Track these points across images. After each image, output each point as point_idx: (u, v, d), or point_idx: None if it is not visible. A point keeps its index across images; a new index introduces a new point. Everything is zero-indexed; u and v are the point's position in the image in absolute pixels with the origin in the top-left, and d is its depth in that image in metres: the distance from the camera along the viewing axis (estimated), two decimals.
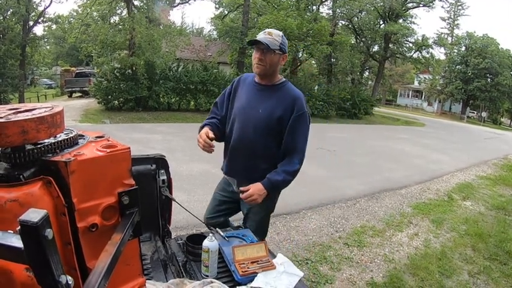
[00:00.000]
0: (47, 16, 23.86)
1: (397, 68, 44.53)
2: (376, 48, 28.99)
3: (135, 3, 19.45)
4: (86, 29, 20.36)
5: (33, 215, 0.51)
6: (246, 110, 2.19)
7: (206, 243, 1.68)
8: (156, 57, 16.72)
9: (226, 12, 23.77)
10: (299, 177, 2.26)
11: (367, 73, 34.37)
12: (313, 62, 27.63)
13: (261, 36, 2.10)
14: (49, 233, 0.52)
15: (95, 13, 21.08)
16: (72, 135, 0.94)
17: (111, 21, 21.00)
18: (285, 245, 4.07)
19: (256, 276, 1.67)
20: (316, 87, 22.58)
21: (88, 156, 0.88)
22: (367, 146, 12.04)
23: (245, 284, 1.63)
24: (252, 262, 1.75)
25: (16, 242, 0.55)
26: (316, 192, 6.03)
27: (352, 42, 26.95)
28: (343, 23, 27.20)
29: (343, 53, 23.11)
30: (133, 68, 16.31)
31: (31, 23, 22.57)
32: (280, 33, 2.16)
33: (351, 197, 6.03)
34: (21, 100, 21.29)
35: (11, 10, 20.90)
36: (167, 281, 1.56)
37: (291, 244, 4.11)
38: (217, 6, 23.61)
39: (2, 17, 20.52)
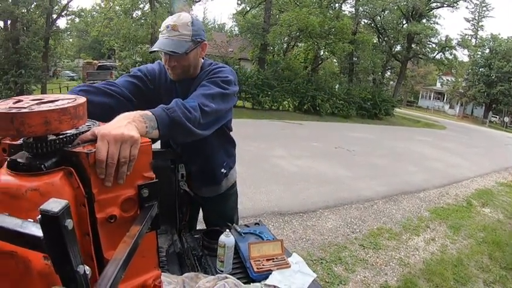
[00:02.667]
0: (70, 9, 24.18)
1: (420, 69, 43.91)
2: (398, 48, 28.52)
3: None
4: (108, 22, 20.71)
5: (54, 204, 0.51)
6: None
7: (222, 238, 1.67)
8: None
9: (248, 8, 23.80)
10: (316, 175, 2.22)
11: (388, 73, 33.89)
12: (335, 60, 27.39)
13: (164, 35, 1.65)
14: (69, 223, 0.52)
15: (117, 7, 21.45)
16: (93, 127, 0.95)
17: (134, 15, 21.30)
18: (301, 244, 4.06)
19: (270, 273, 1.67)
20: (337, 86, 22.44)
21: None
22: (387, 147, 11.92)
23: (259, 281, 1.63)
24: (268, 259, 1.74)
25: (36, 231, 0.55)
26: (334, 191, 6.00)
27: (375, 41, 26.59)
28: (366, 21, 26.87)
29: (365, 52, 22.90)
30: (154, 62, 16.44)
31: (54, 16, 22.94)
32: (189, 18, 1.67)
33: (368, 198, 5.98)
34: (43, 91, 21.71)
35: (35, 3, 21.28)
36: (182, 275, 1.57)
37: (306, 243, 4.10)
38: (239, 2, 23.66)
39: (25, 10, 20.89)
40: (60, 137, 0.85)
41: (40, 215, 0.51)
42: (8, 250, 0.77)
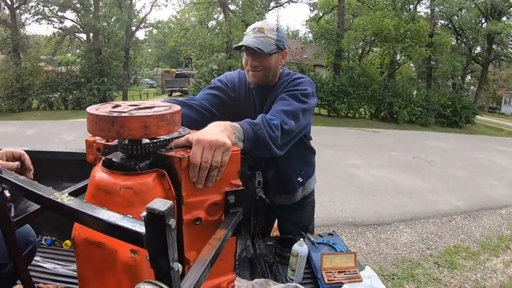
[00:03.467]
0: (148, 22, 25.92)
1: (502, 72, 40.44)
2: (478, 49, 26.36)
3: (231, 7, 20.22)
4: (185, 33, 21.69)
5: (160, 204, 0.54)
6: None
7: (296, 247, 1.68)
8: None
9: (321, 14, 23.62)
10: (393, 186, 2.13)
11: (469, 77, 31.58)
12: (412, 65, 26.24)
13: (250, 36, 1.71)
14: (172, 222, 0.55)
15: (193, 18, 22.41)
16: (185, 133, 1.00)
17: (209, 25, 22.09)
18: (373, 257, 3.93)
19: (341, 287, 1.64)
20: (414, 92, 21.47)
21: None
22: (468, 158, 11.12)
23: None
24: (339, 272, 1.71)
25: (138, 226, 0.59)
26: (410, 204, 5.74)
27: (453, 43, 24.97)
28: (443, 22, 25.28)
29: (443, 56, 21.53)
30: (231, 70, 16.92)
31: (133, 28, 24.70)
32: (275, 25, 1.75)
33: (446, 212, 5.63)
34: (124, 97, 23.31)
35: (115, 17, 23.04)
36: (252, 280, 1.59)
37: (379, 257, 3.97)
38: (311, 8, 23.63)
39: (106, 23, 22.61)
40: (154, 141, 0.91)
41: (145, 212, 0.55)
42: (97, 241, 0.85)
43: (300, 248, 1.67)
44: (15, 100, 19.40)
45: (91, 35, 22.80)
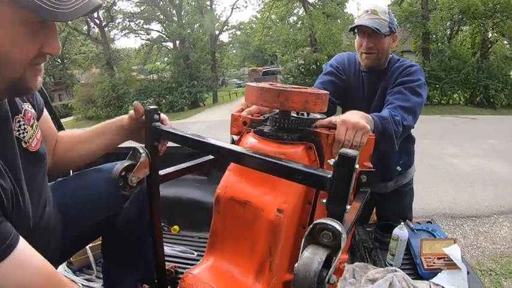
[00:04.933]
0: (230, 25, 27.13)
1: None
2: None
3: (310, 1, 20.15)
4: (267, 31, 22.06)
5: (349, 151, 0.64)
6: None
7: (396, 231, 1.69)
8: (337, 50, 16.90)
9: None
10: (493, 176, 2.02)
11: None
12: (505, 42, 23.85)
13: (364, 18, 1.72)
14: (356, 168, 0.65)
15: (273, 16, 22.67)
16: (324, 117, 1.15)
17: (290, 21, 22.25)
18: (470, 251, 3.73)
19: (439, 272, 1.62)
20: (511, 72, 19.57)
21: None
22: None
23: (427, 279, 1.60)
24: (438, 258, 1.69)
25: (324, 172, 0.71)
26: (510, 195, 5.36)
27: None
28: None
29: None
30: (318, 64, 16.93)
31: (217, 32, 25.82)
32: (386, 8, 1.75)
33: None
34: (215, 98, 24.52)
35: (198, 24, 24.31)
36: (352, 264, 1.64)
37: (476, 251, 3.76)
38: None
39: (190, 30, 23.90)
40: (302, 117, 1.08)
41: (337, 157, 0.65)
42: (242, 200, 1.02)
43: (401, 231, 1.68)
44: (113, 108, 21.80)
45: (177, 42, 24.38)
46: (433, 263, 1.66)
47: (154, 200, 1.20)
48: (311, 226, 0.65)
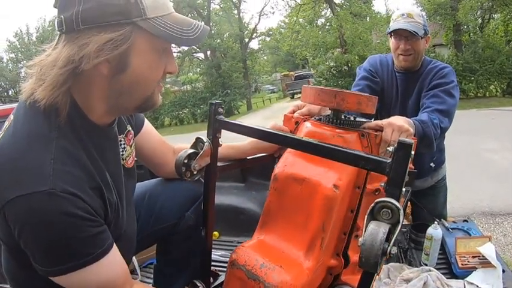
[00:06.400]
0: (259, 32, 27.25)
1: None
2: None
3: (336, 1, 20.08)
4: (296, 35, 22.13)
5: (407, 140, 0.75)
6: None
7: (430, 230, 1.70)
8: (367, 50, 16.92)
9: None
10: None
11: None
12: None
13: (400, 21, 1.82)
14: (412, 154, 0.76)
15: (301, 20, 22.69)
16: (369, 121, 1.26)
17: (318, 23, 22.25)
18: (511, 250, 3.67)
19: (474, 271, 1.61)
20: None
21: None
22: None
23: (462, 278, 1.59)
24: (473, 256, 1.66)
25: (381, 157, 0.82)
26: None
27: None
28: None
29: None
30: (349, 65, 16.84)
31: (246, 39, 26.09)
32: (420, 11, 1.77)
33: None
34: (248, 105, 24.77)
35: (227, 33, 24.66)
36: (387, 264, 1.66)
37: None
38: None
39: (220, 40, 24.28)
40: (351, 118, 1.21)
41: (397, 144, 0.76)
42: (301, 177, 1.13)
43: (434, 231, 1.69)
44: (149, 119, 22.18)
45: (208, 52, 24.79)
46: (468, 261, 1.65)
47: (210, 192, 1.30)
48: (372, 205, 0.74)
